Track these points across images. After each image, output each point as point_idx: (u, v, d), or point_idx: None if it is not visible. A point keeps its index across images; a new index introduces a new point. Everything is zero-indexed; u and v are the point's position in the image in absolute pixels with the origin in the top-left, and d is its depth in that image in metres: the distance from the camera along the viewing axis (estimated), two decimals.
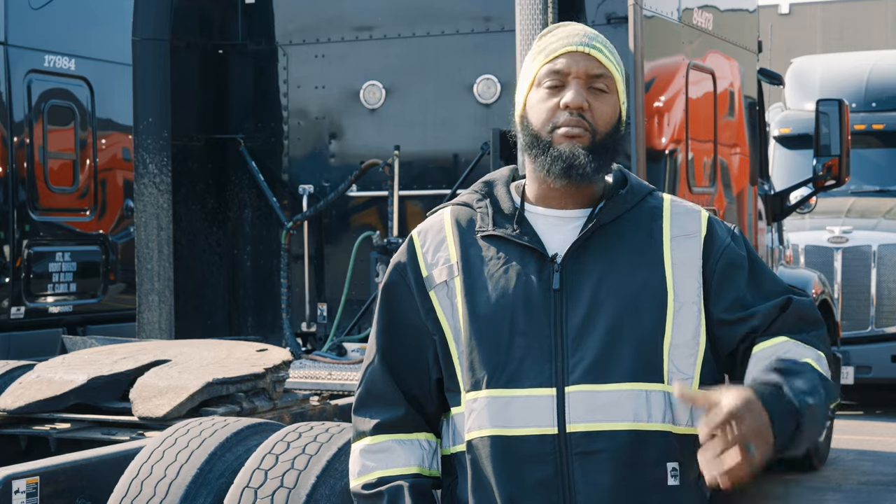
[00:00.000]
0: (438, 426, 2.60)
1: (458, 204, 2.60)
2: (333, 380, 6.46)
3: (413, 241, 2.59)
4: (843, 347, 11.09)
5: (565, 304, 2.44)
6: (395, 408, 2.57)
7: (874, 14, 31.46)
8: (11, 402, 5.44)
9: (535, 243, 2.48)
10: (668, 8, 6.89)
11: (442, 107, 7.25)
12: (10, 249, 9.11)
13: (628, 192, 2.53)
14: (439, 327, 2.52)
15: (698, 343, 2.46)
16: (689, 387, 2.43)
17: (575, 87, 2.46)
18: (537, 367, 2.42)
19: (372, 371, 2.61)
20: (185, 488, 4.35)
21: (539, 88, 2.50)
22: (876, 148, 13.32)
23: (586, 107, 2.45)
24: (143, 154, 7.27)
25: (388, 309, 2.60)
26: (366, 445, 2.58)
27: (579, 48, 2.49)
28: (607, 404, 2.40)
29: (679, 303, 2.45)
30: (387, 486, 2.52)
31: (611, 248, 2.47)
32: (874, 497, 8.70)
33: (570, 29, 2.54)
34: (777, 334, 2.45)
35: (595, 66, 2.48)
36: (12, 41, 9.22)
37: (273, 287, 7.53)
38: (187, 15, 7.54)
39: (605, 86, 2.48)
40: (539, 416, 2.41)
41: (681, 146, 6.98)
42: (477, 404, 2.46)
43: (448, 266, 2.52)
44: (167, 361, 5.60)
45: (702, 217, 2.54)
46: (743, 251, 2.53)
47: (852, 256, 12.27)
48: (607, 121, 2.48)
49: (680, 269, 2.47)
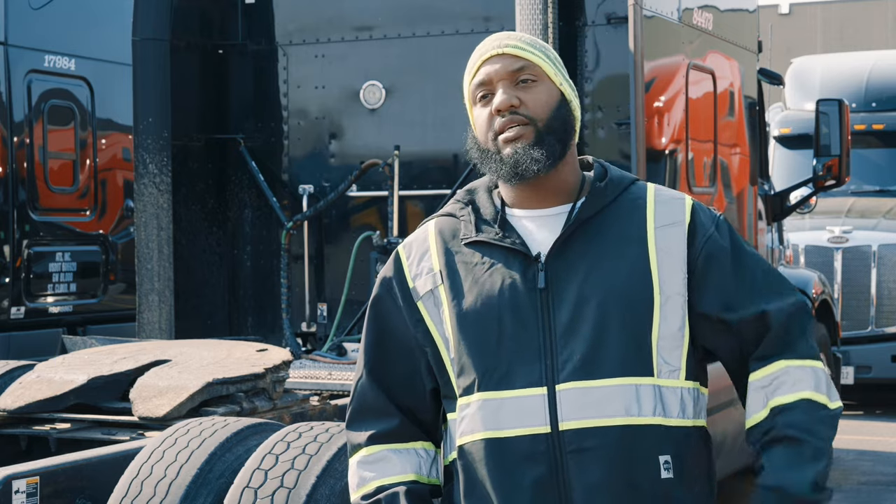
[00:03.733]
0: (438, 435, 2.61)
1: (443, 215, 2.63)
2: (333, 380, 6.46)
3: (399, 254, 2.62)
4: (843, 347, 11.08)
5: (552, 302, 2.45)
6: (387, 419, 2.58)
7: (874, 14, 31.46)
8: (11, 402, 5.44)
9: (519, 244, 2.49)
10: (668, 8, 6.89)
11: (442, 107, 7.25)
12: (10, 249, 9.11)
13: (607, 184, 2.54)
14: (430, 337, 2.54)
15: (684, 335, 2.48)
16: (678, 378, 2.46)
17: (500, 90, 2.50)
18: (527, 367, 2.43)
19: (361, 386, 2.62)
20: (185, 488, 4.35)
21: (476, 105, 2.55)
22: (876, 148, 13.32)
23: (517, 104, 2.48)
24: (143, 154, 7.26)
25: (376, 323, 2.62)
26: (362, 457, 2.59)
27: (493, 52, 2.53)
28: (598, 400, 2.40)
29: (665, 295, 2.46)
30: (384, 494, 2.53)
31: (594, 243, 2.48)
32: (874, 497, 8.70)
33: (488, 39, 2.59)
34: (770, 358, 2.48)
35: (513, 63, 2.51)
36: (12, 41, 9.22)
37: (273, 287, 7.53)
38: (187, 15, 7.53)
39: (532, 75, 2.51)
40: (531, 415, 2.41)
41: (681, 146, 6.97)
42: (469, 409, 2.47)
43: (432, 275, 2.54)
44: (167, 361, 5.60)
45: (686, 204, 2.54)
46: (726, 242, 2.52)
47: (852, 256, 12.27)
48: (544, 107, 2.50)
49: (665, 260, 2.48)
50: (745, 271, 2.52)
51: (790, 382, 2.45)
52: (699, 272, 2.48)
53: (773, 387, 2.45)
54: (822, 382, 2.47)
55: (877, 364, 12.06)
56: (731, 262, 2.50)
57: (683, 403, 2.46)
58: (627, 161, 6.54)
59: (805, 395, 2.44)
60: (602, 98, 6.97)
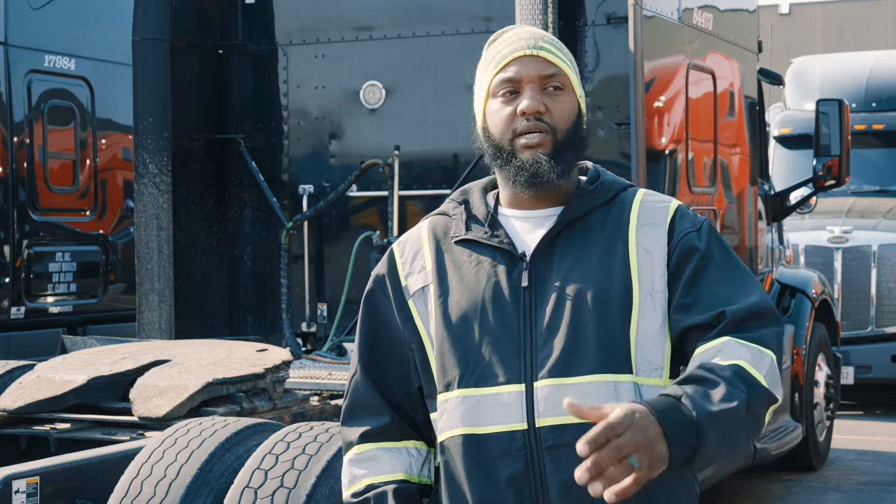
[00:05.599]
0: (432, 435, 2.61)
1: (437, 214, 2.63)
2: (333, 380, 6.46)
3: (393, 252, 2.63)
4: (843, 347, 11.08)
5: (534, 300, 2.45)
6: (379, 417, 2.59)
7: (874, 14, 31.47)
8: (11, 402, 5.44)
9: (506, 243, 2.50)
10: (668, 8, 6.89)
11: (442, 107, 7.25)
12: (10, 249, 9.11)
13: (597, 188, 2.54)
14: (417, 334, 2.55)
15: (665, 333, 2.46)
16: (660, 377, 2.43)
17: (529, 92, 2.48)
18: (507, 364, 2.44)
19: (355, 382, 2.64)
20: (185, 488, 4.35)
21: (495, 98, 2.52)
22: (876, 148, 13.32)
23: (543, 110, 2.47)
24: (143, 154, 7.27)
25: (370, 320, 2.63)
26: (353, 455, 2.60)
27: (527, 52, 2.50)
28: (575, 397, 2.39)
29: (644, 293, 2.45)
30: (373, 493, 2.54)
31: (578, 244, 2.49)
32: (874, 497, 8.70)
33: (516, 33, 2.56)
34: (716, 336, 2.37)
35: (546, 67, 2.49)
36: (12, 41, 9.22)
37: (273, 287, 7.53)
38: (187, 15, 7.53)
39: (560, 84, 2.50)
40: (509, 412, 2.42)
41: (681, 146, 6.97)
42: (448, 405, 2.48)
43: (423, 273, 2.55)
44: (167, 361, 5.60)
45: (670, 206, 2.53)
46: (702, 243, 2.48)
47: (852, 256, 12.27)
48: (566, 118, 2.49)
49: (645, 259, 2.47)
50: (719, 273, 2.46)
51: (727, 352, 2.33)
52: (672, 269, 2.47)
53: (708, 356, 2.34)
54: (765, 364, 2.34)
55: (877, 364, 12.06)
56: (704, 262, 2.46)
57: None
58: (627, 161, 6.54)
59: (739, 362, 2.30)
60: (602, 98, 6.97)
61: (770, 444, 8.02)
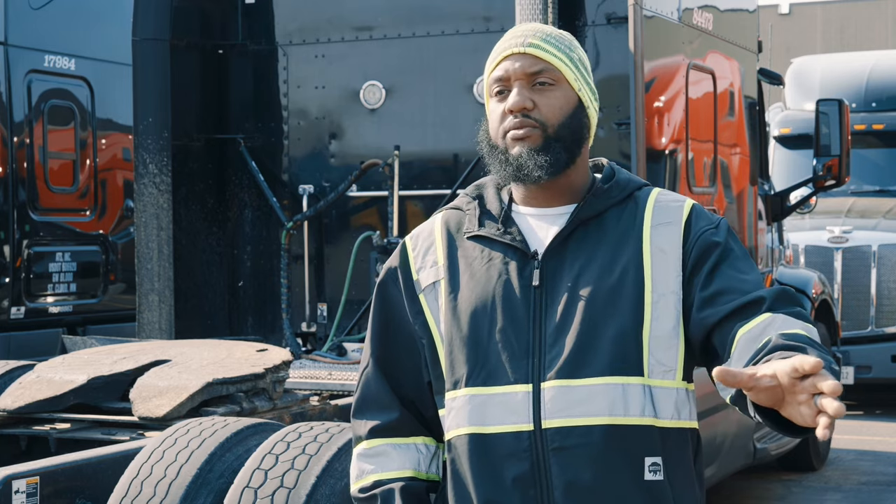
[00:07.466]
0: (441, 430, 2.61)
1: (451, 208, 2.63)
2: (333, 380, 6.47)
3: (405, 246, 2.62)
4: (843, 347, 11.09)
5: (545, 300, 2.44)
6: (389, 412, 2.58)
7: (874, 14, 31.47)
8: (11, 402, 5.44)
9: (518, 241, 2.49)
10: (668, 8, 6.89)
11: (442, 107, 7.25)
12: (10, 249, 9.11)
13: (612, 186, 2.53)
14: (427, 330, 2.54)
15: (678, 334, 2.44)
16: (673, 378, 2.41)
17: (516, 90, 2.48)
18: (515, 364, 2.43)
19: (367, 375, 2.63)
20: (185, 488, 4.35)
21: (492, 98, 2.54)
22: (876, 148, 13.32)
23: (530, 106, 2.47)
24: (143, 154, 7.27)
25: (382, 313, 2.62)
26: (363, 450, 2.60)
27: (515, 50, 2.50)
28: (582, 399, 2.39)
29: (658, 294, 2.43)
30: (380, 490, 2.54)
31: (591, 243, 2.47)
32: (874, 497, 8.70)
33: (514, 31, 2.56)
34: (756, 315, 2.32)
35: (533, 64, 2.49)
36: (12, 41, 9.22)
37: (273, 287, 7.53)
38: (187, 15, 7.53)
39: (550, 79, 2.49)
40: (515, 412, 2.41)
41: (681, 146, 6.97)
42: (456, 403, 2.48)
43: (435, 268, 2.54)
44: (167, 361, 5.60)
45: (685, 206, 2.52)
46: (721, 238, 2.47)
47: (852, 256, 12.27)
48: (557, 113, 2.48)
49: (659, 259, 2.45)
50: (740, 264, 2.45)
51: (779, 323, 2.29)
52: (691, 266, 2.45)
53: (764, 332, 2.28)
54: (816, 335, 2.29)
55: (877, 364, 12.06)
56: (725, 254, 2.45)
57: (678, 404, 2.44)
58: (627, 161, 6.54)
59: (798, 330, 2.24)
60: (602, 98, 6.93)
61: (770, 444, 8.02)
